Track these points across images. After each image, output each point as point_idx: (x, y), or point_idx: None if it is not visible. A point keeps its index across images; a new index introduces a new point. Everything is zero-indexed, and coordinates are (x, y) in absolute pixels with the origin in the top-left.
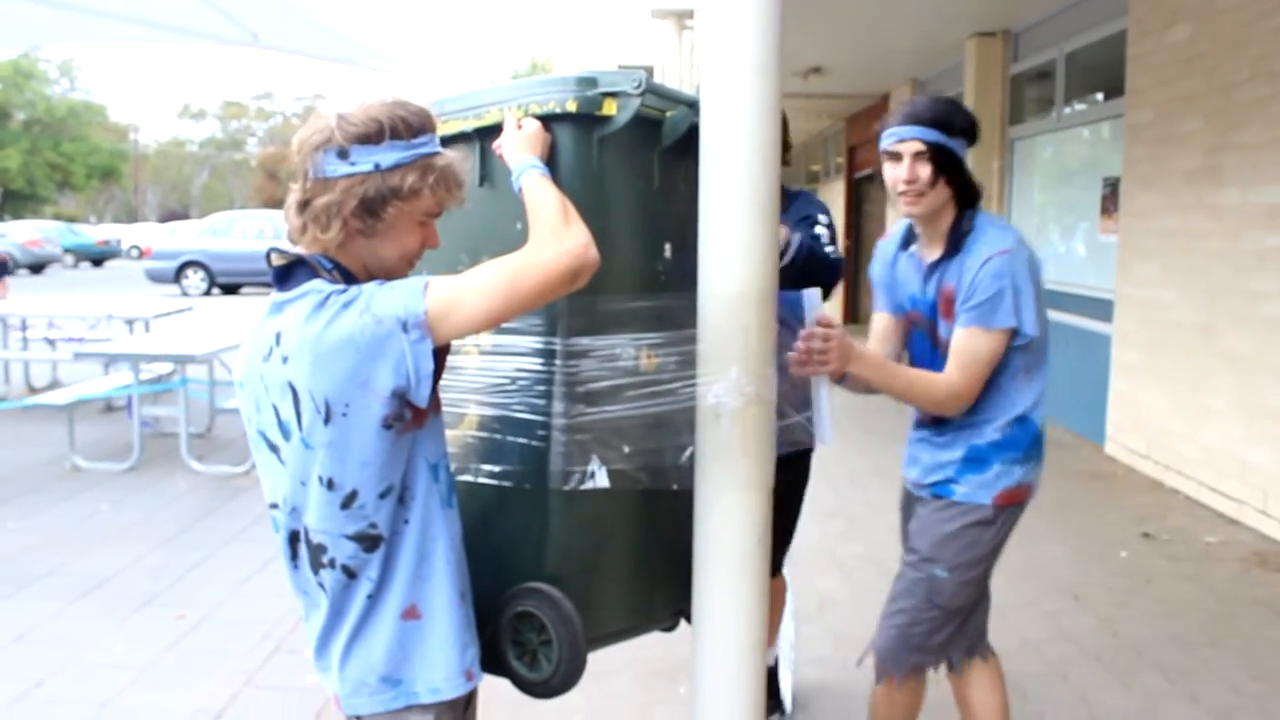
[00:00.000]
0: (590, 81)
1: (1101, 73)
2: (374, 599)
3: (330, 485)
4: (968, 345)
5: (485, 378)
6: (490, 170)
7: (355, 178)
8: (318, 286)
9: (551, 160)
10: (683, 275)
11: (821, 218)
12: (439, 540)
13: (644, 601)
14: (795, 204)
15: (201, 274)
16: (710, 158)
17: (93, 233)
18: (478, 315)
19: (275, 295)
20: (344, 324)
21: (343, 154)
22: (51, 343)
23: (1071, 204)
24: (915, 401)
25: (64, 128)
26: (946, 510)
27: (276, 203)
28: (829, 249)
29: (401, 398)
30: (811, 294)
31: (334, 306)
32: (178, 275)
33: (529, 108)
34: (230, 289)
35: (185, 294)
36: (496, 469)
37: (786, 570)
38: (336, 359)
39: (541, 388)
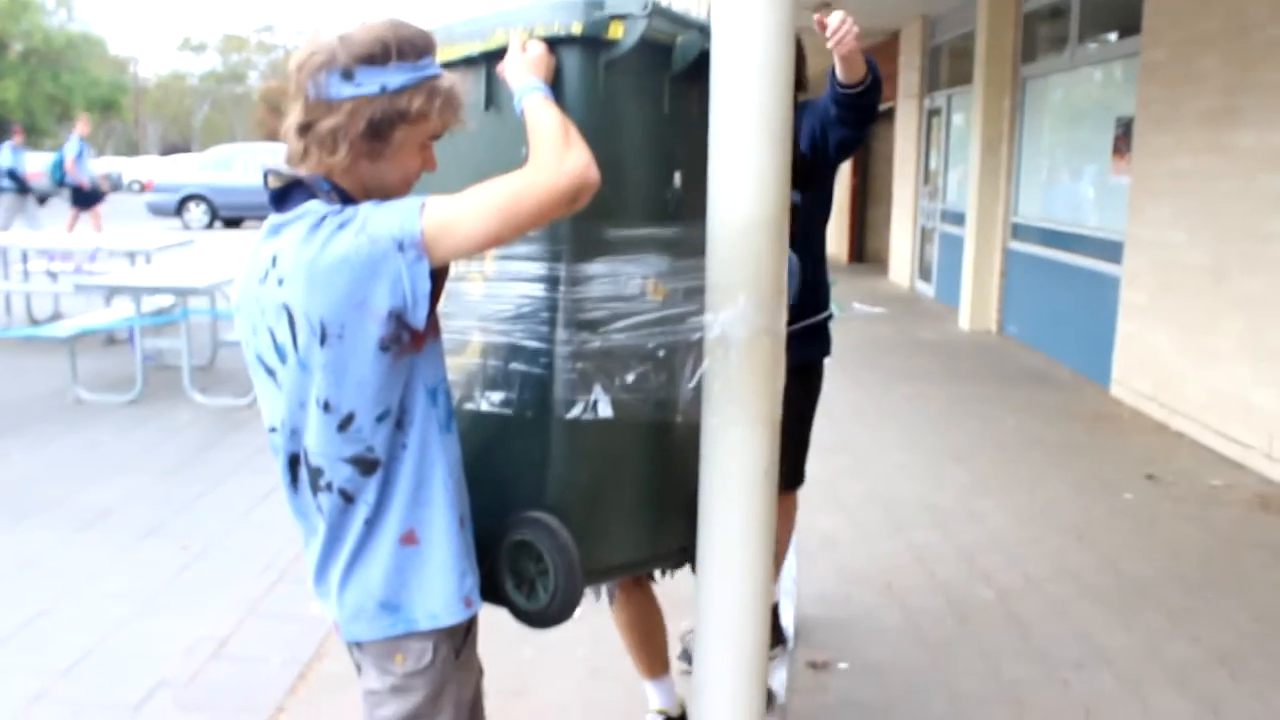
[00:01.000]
0: (597, 4)
1: (1116, 11)
2: (371, 524)
3: (327, 407)
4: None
5: (489, 305)
6: (496, 95)
7: (361, 99)
8: (314, 208)
9: (557, 84)
10: (694, 204)
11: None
12: (437, 465)
13: (648, 535)
14: (807, 110)
15: (203, 207)
16: (721, 84)
17: (93, 166)
18: (475, 235)
19: (272, 218)
20: (340, 244)
21: (347, 75)
22: (53, 275)
23: (1083, 144)
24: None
25: (62, 59)
26: None
27: (278, 136)
28: None
29: (398, 319)
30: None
31: (329, 227)
32: (179, 208)
33: (534, 30)
34: (232, 222)
35: (187, 227)
36: (499, 397)
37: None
38: (332, 279)
39: (546, 315)
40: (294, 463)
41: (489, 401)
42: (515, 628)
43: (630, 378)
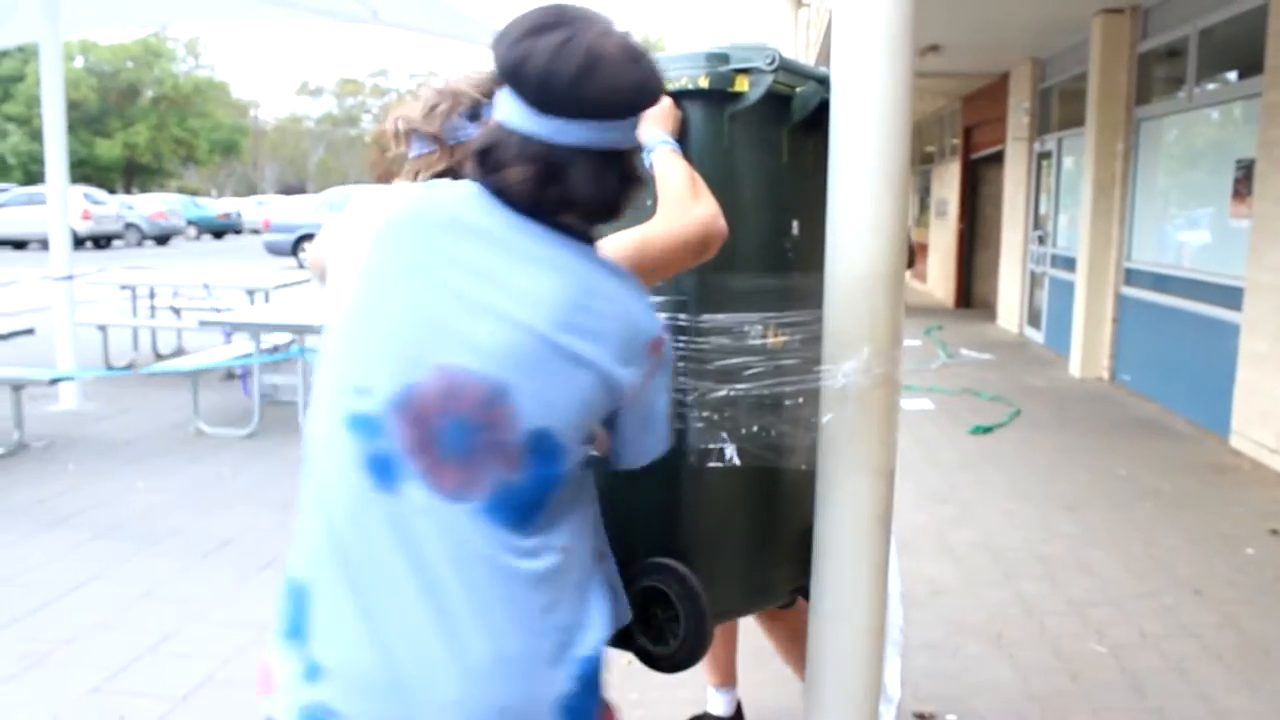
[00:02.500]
0: (722, 58)
1: (1237, 50)
2: None
3: None
4: None
5: None
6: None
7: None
8: None
9: (682, 136)
10: (810, 253)
11: None
12: (584, 495)
13: (764, 578)
14: None
15: None
16: (841, 136)
17: (214, 206)
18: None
19: None
20: None
21: (474, 115)
22: (177, 311)
23: (1200, 187)
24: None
25: (189, 104)
26: None
27: (390, 178)
28: None
29: None
30: None
31: None
32: (295, 248)
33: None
34: None
35: (302, 266)
36: None
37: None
38: None
39: (675, 364)
40: None
41: None
42: (620, 667)
43: (755, 427)
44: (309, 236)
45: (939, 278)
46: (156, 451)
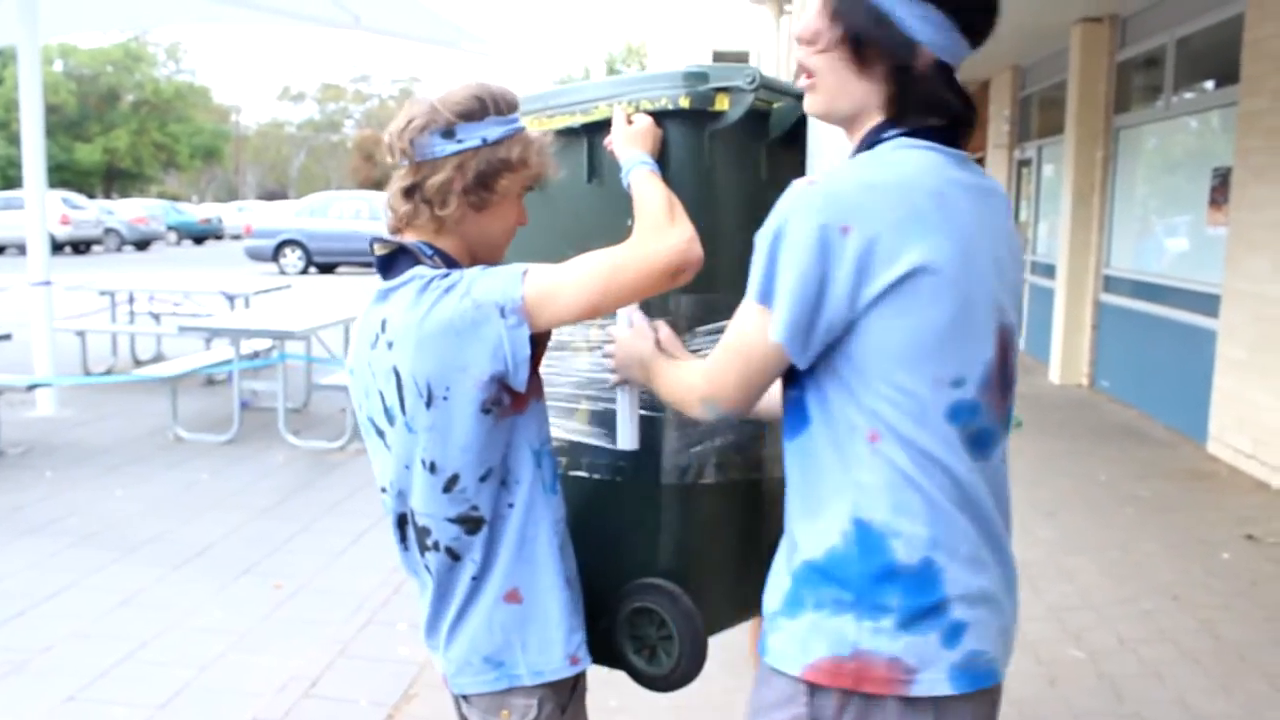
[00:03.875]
0: (701, 76)
1: (1214, 59)
2: (478, 580)
3: (432, 469)
4: (736, 315)
5: (596, 373)
6: (599, 166)
7: (465, 153)
8: (420, 272)
9: (663, 156)
10: None
11: None
12: (541, 524)
13: (754, 591)
14: None
15: (299, 253)
16: (820, 146)
17: (195, 211)
18: (576, 305)
19: (381, 284)
20: (444, 308)
21: (448, 133)
22: (156, 317)
23: (1178, 195)
24: (673, 401)
25: (170, 109)
26: (759, 676)
27: (372, 184)
28: None
29: (500, 382)
30: None
31: (435, 291)
32: (276, 254)
33: (640, 104)
34: (327, 268)
35: (283, 272)
36: (608, 464)
37: None
38: (437, 342)
39: None
40: (402, 522)
41: (599, 468)
42: (600, 675)
43: (732, 438)
44: (290, 242)
45: None
46: (135, 458)
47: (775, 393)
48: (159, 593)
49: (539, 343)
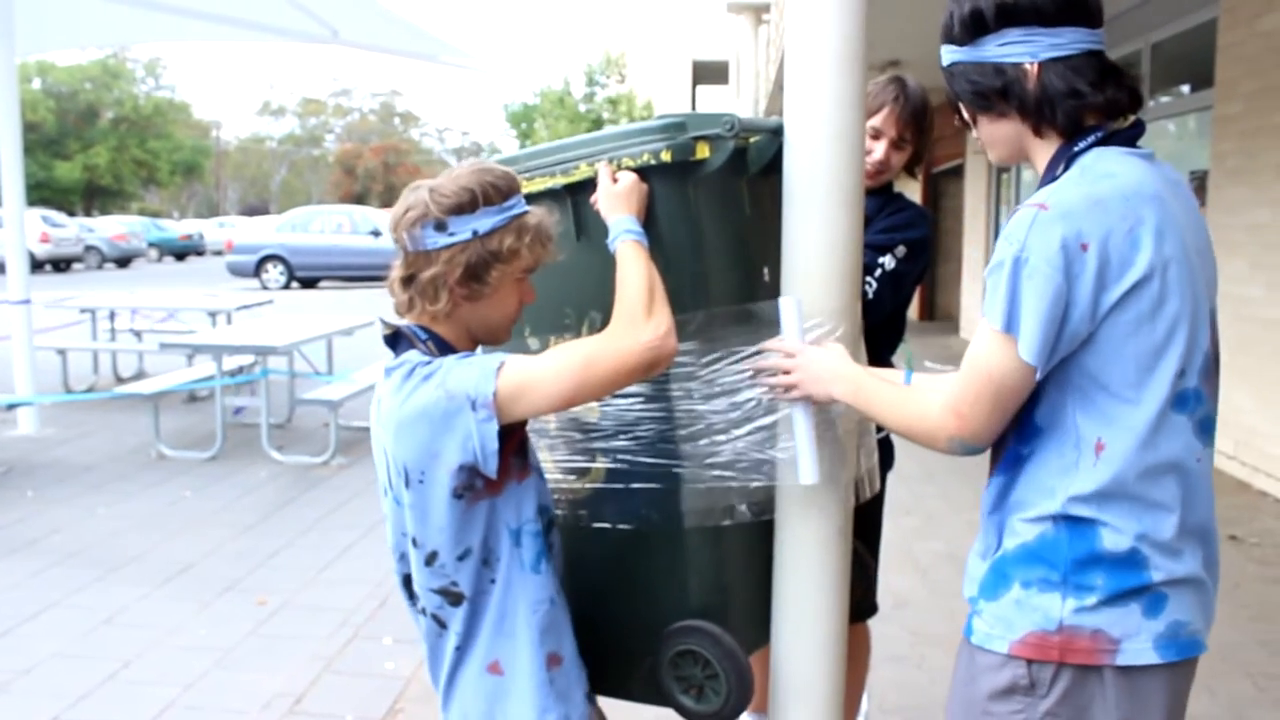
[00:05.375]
0: (679, 126)
1: (1188, 64)
2: (460, 651)
3: (415, 543)
4: (973, 346)
5: (607, 427)
6: (585, 223)
7: (456, 247)
8: (411, 358)
9: (650, 210)
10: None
11: (897, 251)
12: (520, 602)
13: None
14: (881, 216)
15: (281, 268)
16: (795, 153)
17: (176, 227)
18: (549, 399)
19: (388, 361)
20: (420, 396)
21: (440, 226)
22: (138, 334)
23: None
24: (902, 430)
25: (149, 125)
26: (963, 660)
27: (354, 198)
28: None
29: (471, 470)
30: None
31: (416, 379)
32: (258, 269)
33: (621, 162)
34: (309, 283)
35: (265, 287)
36: (630, 515)
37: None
38: (413, 429)
39: (665, 430)
40: (406, 581)
41: (620, 519)
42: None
43: (737, 476)
44: (272, 257)
45: None
46: (117, 476)
47: None
48: (142, 611)
49: (513, 430)
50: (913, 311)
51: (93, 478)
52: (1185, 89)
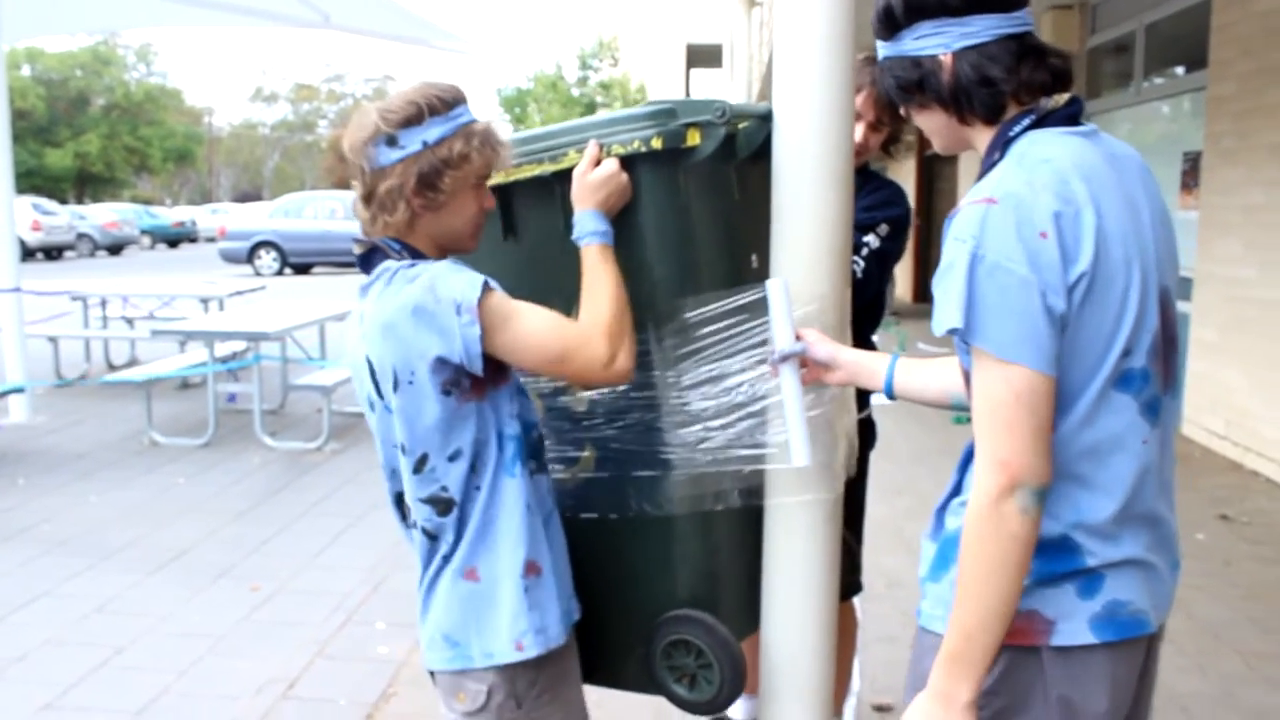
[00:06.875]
0: (669, 113)
1: (1182, 45)
2: (446, 559)
3: (404, 450)
4: (975, 384)
5: (596, 416)
6: (572, 216)
7: (408, 159)
8: (388, 265)
9: (639, 198)
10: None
11: (880, 229)
12: (504, 507)
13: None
14: (861, 195)
15: (274, 254)
16: (783, 138)
17: (168, 214)
18: (520, 355)
19: (362, 280)
20: (406, 295)
21: (391, 141)
22: (130, 321)
23: None
24: (1000, 573)
25: (141, 112)
26: (916, 640)
27: (347, 184)
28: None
29: (457, 368)
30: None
31: (400, 280)
32: (251, 255)
33: (611, 149)
34: (302, 269)
35: (258, 274)
36: (620, 504)
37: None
38: (399, 327)
39: (654, 417)
40: (399, 500)
41: (611, 507)
42: None
43: (745, 464)
44: (265, 244)
45: (896, 273)
46: (109, 463)
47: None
48: (135, 598)
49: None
50: (906, 294)
51: (85, 465)
52: (1179, 70)
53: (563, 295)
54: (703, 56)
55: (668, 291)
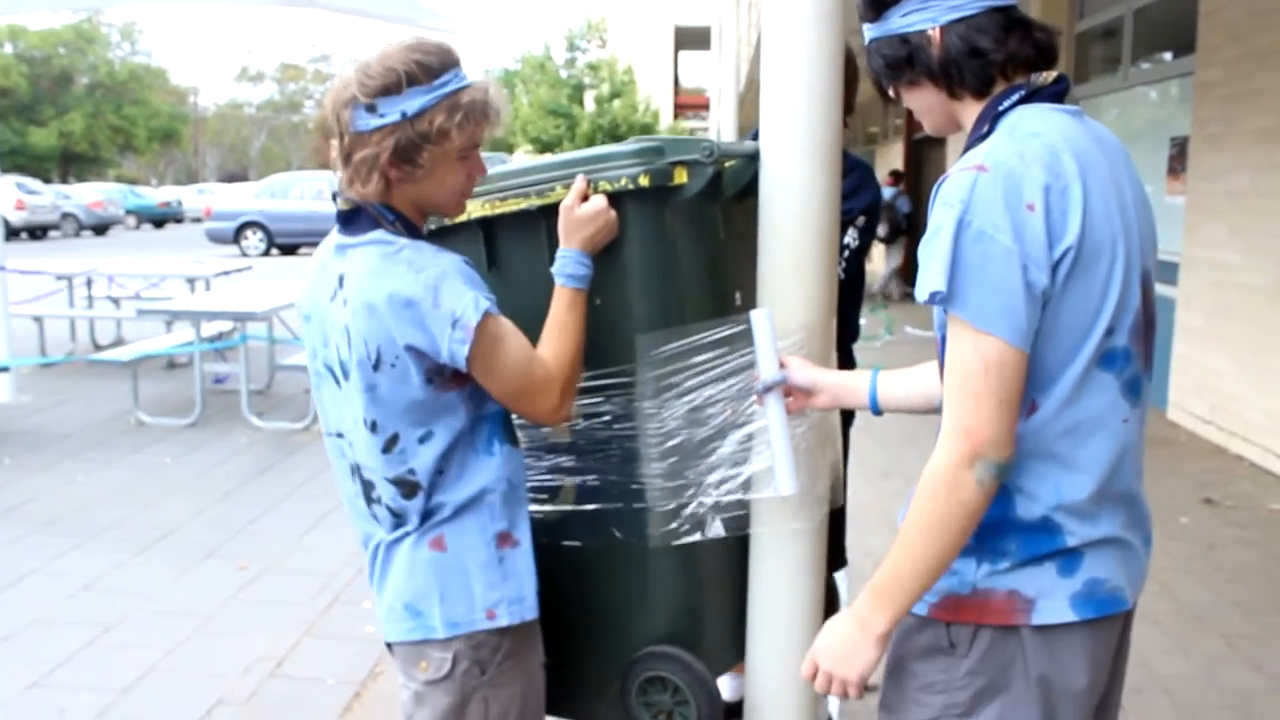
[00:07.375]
0: (657, 151)
1: (1170, 30)
2: (406, 534)
3: (373, 427)
4: (955, 352)
5: (578, 447)
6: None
7: (386, 129)
8: (383, 237)
9: (625, 235)
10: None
11: (857, 221)
12: (473, 484)
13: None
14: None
15: (260, 234)
16: (771, 115)
17: (154, 194)
18: (486, 375)
19: (340, 237)
20: (407, 286)
21: (370, 108)
22: (115, 301)
23: (1137, 164)
24: (941, 528)
25: (125, 91)
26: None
27: (333, 164)
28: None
29: (443, 364)
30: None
31: (401, 264)
32: (237, 236)
33: (598, 185)
34: (288, 249)
35: (244, 254)
36: (602, 535)
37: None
38: (390, 315)
39: (636, 448)
40: (356, 470)
41: (591, 538)
42: None
43: (728, 495)
44: (251, 224)
45: (885, 257)
46: (96, 443)
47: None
48: (122, 577)
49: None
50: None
51: (71, 445)
52: (1167, 55)
53: (541, 328)
54: (691, 38)
55: (651, 326)
